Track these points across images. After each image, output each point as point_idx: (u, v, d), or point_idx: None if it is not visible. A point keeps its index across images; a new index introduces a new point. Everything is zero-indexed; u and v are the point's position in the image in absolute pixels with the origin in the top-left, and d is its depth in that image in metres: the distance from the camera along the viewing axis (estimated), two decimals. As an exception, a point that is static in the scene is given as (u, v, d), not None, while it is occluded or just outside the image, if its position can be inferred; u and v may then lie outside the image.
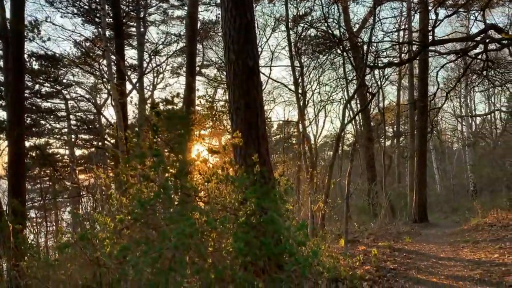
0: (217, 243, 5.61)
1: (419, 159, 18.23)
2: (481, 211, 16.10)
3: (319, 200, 10.74)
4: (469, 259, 9.01)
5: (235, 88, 7.65)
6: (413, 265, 8.75)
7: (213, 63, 25.37)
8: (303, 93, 16.51)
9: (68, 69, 26.57)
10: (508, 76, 17.22)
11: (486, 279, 6.73)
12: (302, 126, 14.81)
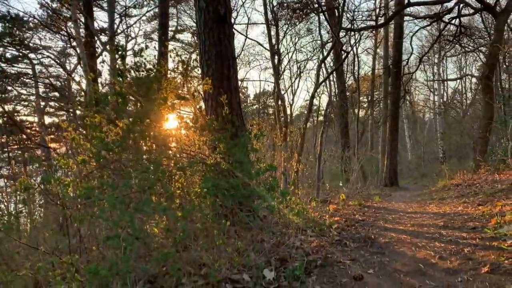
0: (186, 186, 5.55)
1: (391, 124, 18.53)
2: (448, 173, 16.63)
3: (292, 159, 10.76)
4: (435, 212, 9.31)
5: (205, 38, 7.41)
6: (381, 217, 8.99)
7: (187, 27, 24.70)
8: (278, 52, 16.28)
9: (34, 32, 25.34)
10: (480, 43, 17.47)
11: (449, 225, 6.97)
12: (277, 86, 14.66)
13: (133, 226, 4.54)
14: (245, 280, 5.01)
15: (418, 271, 4.65)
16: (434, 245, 5.66)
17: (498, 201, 8.15)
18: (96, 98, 5.85)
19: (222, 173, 5.51)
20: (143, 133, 5.47)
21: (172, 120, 6.02)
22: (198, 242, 5.27)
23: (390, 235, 6.69)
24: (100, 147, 4.81)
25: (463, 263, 4.67)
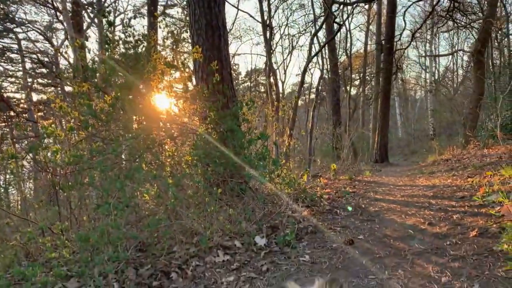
0: (177, 156, 5.50)
1: (382, 100, 18.52)
2: (438, 148, 16.76)
3: (284, 134, 10.71)
4: (424, 184, 9.40)
5: (195, 6, 7.21)
6: (371, 190, 9.06)
7: (178, 2, 24.13)
8: (270, 25, 16.03)
9: (19, 6, 24.56)
10: (473, 19, 17.37)
11: (439, 195, 7.05)
12: (268, 59, 14.49)
13: (124, 193, 4.50)
14: (236, 246, 5.04)
15: (408, 236, 4.70)
16: (423, 213, 5.72)
17: (487, 171, 8.25)
18: (83, 66, 5.72)
19: (213, 142, 5.45)
20: (131, 101, 5.38)
21: (162, 90, 5.93)
22: (189, 210, 5.27)
23: (380, 204, 6.75)
24: (87, 114, 4.71)
25: (452, 228, 4.73)
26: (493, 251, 3.79)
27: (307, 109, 26.91)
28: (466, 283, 3.26)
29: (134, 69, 5.57)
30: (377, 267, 3.88)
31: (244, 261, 4.53)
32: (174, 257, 4.71)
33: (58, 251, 4.74)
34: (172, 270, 4.45)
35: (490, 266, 3.52)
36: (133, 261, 4.65)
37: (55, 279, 4.24)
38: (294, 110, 10.93)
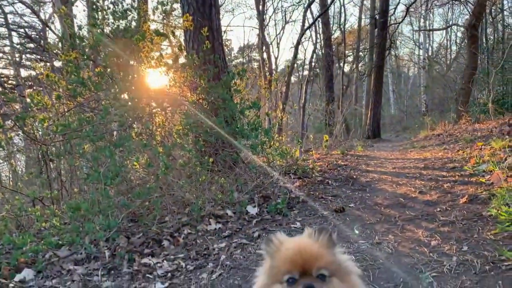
0: (167, 126, 5.43)
1: (376, 76, 18.43)
2: (430, 123, 16.83)
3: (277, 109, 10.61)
4: (416, 157, 9.46)
5: (186, -28, 6.99)
6: (363, 163, 9.10)
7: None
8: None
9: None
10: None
11: (430, 167, 7.09)
12: (261, 31, 14.25)
13: (113, 161, 4.44)
14: (228, 215, 5.05)
15: (398, 204, 4.73)
16: (414, 182, 5.76)
17: (478, 142, 8.30)
18: (70, 35, 5.56)
19: (204, 111, 5.38)
20: (120, 70, 5.26)
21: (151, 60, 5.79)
22: (181, 181, 5.24)
23: (372, 175, 6.78)
24: (75, 82, 4.60)
25: (442, 196, 4.76)
26: (482, 216, 3.83)
27: (300, 84, 26.68)
28: (455, 246, 3.29)
29: (123, 39, 5.43)
30: (367, 233, 3.91)
31: (236, 229, 4.54)
32: (166, 226, 4.71)
33: (49, 220, 4.72)
34: (164, 238, 4.46)
35: (479, 230, 3.55)
36: (125, 231, 4.64)
37: (46, 247, 4.23)
38: (287, 84, 10.81)
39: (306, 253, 1.39)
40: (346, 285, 1.41)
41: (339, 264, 1.43)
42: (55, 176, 5.97)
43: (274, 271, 1.43)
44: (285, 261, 1.41)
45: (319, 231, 1.46)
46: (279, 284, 1.41)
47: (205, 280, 3.33)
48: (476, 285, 2.66)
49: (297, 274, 1.37)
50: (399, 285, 2.80)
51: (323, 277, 1.37)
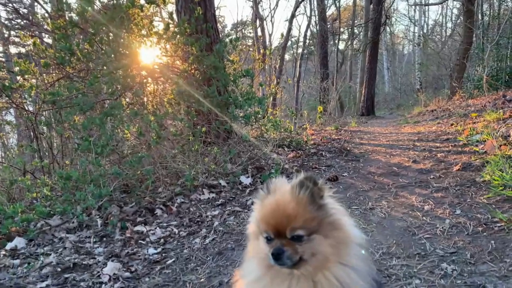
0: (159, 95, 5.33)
1: (370, 52, 18.27)
2: (424, 100, 16.81)
3: (271, 82, 10.50)
4: (409, 132, 9.46)
5: None
6: (357, 137, 9.09)
7: None
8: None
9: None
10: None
11: (423, 139, 7.09)
12: (255, 5, 13.97)
13: (104, 130, 4.36)
14: (221, 185, 5.02)
15: (392, 173, 4.73)
16: (408, 153, 5.75)
17: (472, 113, 8.30)
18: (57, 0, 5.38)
19: (196, 81, 5.28)
20: (110, 39, 5.11)
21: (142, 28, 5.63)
22: (174, 151, 5.18)
23: (365, 148, 6.76)
24: (63, 48, 4.46)
25: (436, 165, 4.76)
26: (475, 182, 3.83)
27: (295, 59, 26.37)
28: (448, 210, 3.30)
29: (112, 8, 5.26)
30: (360, 199, 3.90)
31: (229, 198, 4.52)
32: (159, 196, 4.68)
33: (40, 190, 4.66)
34: (157, 207, 4.42)
35: (472, 194, 3.56)
36: (118, 201, 4.61)
37: (38, 217, 4.19)
38: (281, 58, 10.66)
39: (279, 214, 1.30)
40: (333, 240, 1.31)
41: (322, 218, 1.32)
42: (46, 149, 5.89)
43: (258, 224, 1.40)
44: (262, 220, 1.36)
45: (301, 184, 1.34)
46: (262, 236, 1.38)
47: (198, 244, 3.32)
48: (468, 245, 2.67)
49: (272, 234, 1.32)
50: (392, 246, 2.80)
51: (299, 237, 1.30)
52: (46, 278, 3.01)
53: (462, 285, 2.19)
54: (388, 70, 33.63)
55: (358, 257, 1.35)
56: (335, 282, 1.28)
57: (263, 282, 1.36)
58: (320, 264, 1.31)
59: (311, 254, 1.30)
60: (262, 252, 1.37)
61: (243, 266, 1.46)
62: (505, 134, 5.06)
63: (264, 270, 1.37)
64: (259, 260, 1.40)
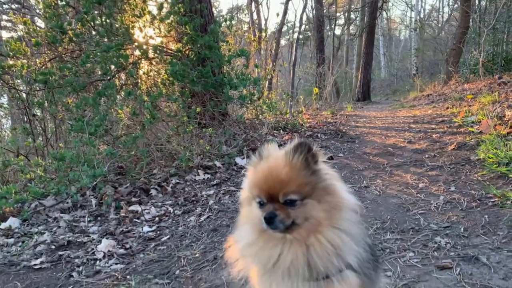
0: (152, 75, 5.26)
1: (367, 37, 18.15)
2: (420, 84, 16.79)
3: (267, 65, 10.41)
4: (405, 115, 9.45)
5: None
6: (352, 120, 9.08)
7: None
8: None
9: None
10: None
11: (419, 121, 7.08)
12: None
13: (97, 109, 4.31)
14: (217, 166, 5.00)
15: (387, 153, 4.73)
16: (403, 134, 5.75)
17: (468, 95, 8.30)
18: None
19: (191, 61, 5.21)
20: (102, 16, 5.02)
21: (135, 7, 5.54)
22: (168, 132, 5.15)
23: (361, 130, 6.76)
24: (55, 26, 4.38)
25: (431, 145, 4.77)
26: (470, 160, 3.84)
27: (291, 44, 26.16)
28: (442, 187, 3.30)
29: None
30: (355, 178, 3.91)
31: (224, 178, 4.51)
32: (154, 178, 4.66)
33: (33, 171, 4.62)
34: (152, 187, 4.41)
35: (466, 172, 3.57)
36: (112, 182, 4.58)
37: (32, 197, 4.16)
38: (277, 41, 10.55)
39: (272, 179, 1.29)
40: (326, 205, 1.30)
41: (315, 183, 1.30)
42: (39, 132, 5.83)
43: (250, 189, 1.38)
44: (255, 185, 1.34)
45: (295, 149, 1.32)
46: (254, 201, 1.37)
47: (193, 222, 3.32)
48: (462, 219, 2.68)
49: (265, 199, 1.32)
50: (386, 221, 2.81)
51: (292, 202, 1.29)
52: (40, 256, 3.01)
53: (455, 257, 2.20)
54: (385, 56, 33.47)
55: (350, 221, 1.35)
56: (327, 245, 1.28)
57: (256, 247, 1.35)
58: (312, 228, 1.30)
59: (304, 219, 1.29)
60: (255, 218, 1.36)
61: (236, 232, 1.45)
62: (500, 114, 5.06)
63: (257, 235, 1.36)
64: (252, 226, 1.39)
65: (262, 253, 1.33)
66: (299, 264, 1.28)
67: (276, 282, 1.36)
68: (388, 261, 2.24)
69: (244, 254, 1.41)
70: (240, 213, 1.45)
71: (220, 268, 2.40)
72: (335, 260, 1.28)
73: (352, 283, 1.34)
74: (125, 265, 2.70)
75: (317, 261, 1.28)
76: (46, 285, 2.52)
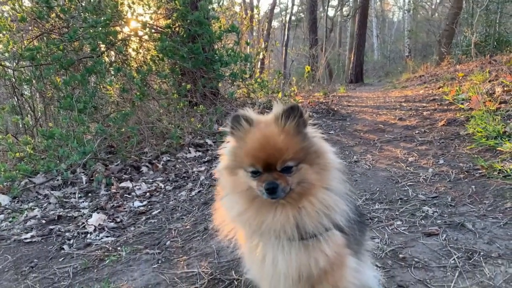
0: (142, 52, 5.19)
1: (360, 18, 18.02)
2: (412, 66, 16.78)
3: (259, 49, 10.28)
4: (397, 95, 9.46)
5: None
6: (344, 100, 9.08)
7: None
8: None
9: None
10: None
11: (410, 100, 7.10)
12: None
13: (85, 85, 4.26)
14: (208, 144, 5.00)
15: (378, 129, 4.75)
16: (394, 112, 5.77)
17: (459, 73, 8.32)
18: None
19: (181, 38, 5.13)
20: None
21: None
22: (159, 111, 5.11)
23: (352, 109, 6.77)
24: (42, 1, 4.28)
25: (421, 121, 4.79)
26: (459, 135, 3.87)
27: (283, 26, 25.91)
28: (431, 160, 3.33)
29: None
30: (346, 154, 3.93)
31: (215, 155, 4.50)
32: (145, 156, 4.65)
33: (22, 149, 4.57)
34: (143, 165, 4.40)
35: (455, 146, 3.60)
36: (103, 160, 4.56)
37: (21, 175, 4.14)
38: (269, 21, 10.42)
39: (270, 147, 1.26)
40: (317, 167, 1.31)
41: (308, 148, 1.31)
42: (27, 112, 5.76)
43: (238, 158, 1.34)
44: (249, 154, 1.30)
45: (287, 114, 1.29)
46: (243, 170, 1.34)
47: (184, 196, 3.33)
48: (450, 190, 2.71)
49: (261, 168, 1.30)
50: (375, 193, 2.83)
51: (288, 169, 1.29)
52: (31, 230, 3.00)
53: (442, 224, 2.23)
54: (378, 38, 33.30)
55: (338, 181, 1.36)
56: (319, 206, 1.28)
57: (248, 214, 1.34)
58: (305, 191, 1.30)
59: (297, 183, 1.29)
60: (242, 186, 1.34)
61: (223, 200, 1.42)
62: (490, 91, 5.09)
63: (247, 204, 1.34)
64: (240, 194, 1.36)
65: (254, 220, 1.32)
66: (289, 225, 1.29)
67: (264, 242, 1.37)
68: (376, 229, 2.27)
69: (235, 222, 1.41)
70: (222, 183, 1.41)
71: (211, 237, 2.41)
72: (325, 219, 1.30)
73: (338, 242, 1.36)
74: (116, 237, 2.71)
75: (307, 222, 1.28)
76: (37, 257, 2.53)
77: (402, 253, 1.95)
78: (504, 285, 1.58)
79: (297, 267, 1.33)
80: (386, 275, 1.76)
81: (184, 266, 2.08)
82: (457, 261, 1.81)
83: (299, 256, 1.32)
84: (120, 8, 5.25)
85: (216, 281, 1.86)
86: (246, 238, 1.45)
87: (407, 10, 27.00)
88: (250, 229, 1.36)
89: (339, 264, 1.40)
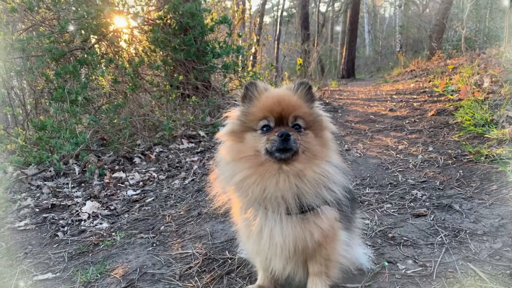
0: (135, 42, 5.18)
1: (352, 12, 18.09)
2: (403, 60, 16.90)
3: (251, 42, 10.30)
4: (388, 89, 9.55)
5: None
6: (336, 94, 9.14)
7: None
8: None
9: None
10: None
11: (401, 93, 7.18)
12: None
13: (77, 76, 4.25)
14: (201, 135, 5.02)
15: (369, 120, 4.81)
16: (385, 104, 5.84)
17: (449, 66, 8.41)
18: None
19: (173, 30, 5.13)
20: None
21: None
22: (151, 102, 5.12)
23: (344, 101, 6.83)
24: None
25: (411, 112, 4.86)
26: (448, 124, 3.94)
27: (275, 21, 25.90)
28: (421, 148, 3.40)
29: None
30: (337, 143, 3.96)
31: (208, 146, 4.54)
32: (138, 148, 4.66)
33: (14, 141, 4.55)
34: (135, 156, 4.41)
35: (444, 134, 3.67)
36: (96, 152, 4.57)
37: (14, 166, 4.13)
38: (261, 15, 10.44)
39: (284, 101, 1.38)
40: (319, 140, 1.43)
41: (315, 117, 1.43)
42: (18, 105, 5.72)
43: (249, 117, 1.39)
44: (263, 108, 1.38)
45: (299, 84, 1.44)
46: (252, 132, 1.39)
47: (178, 185, 3.35)
48: (438, 175, 2.77)
49: (273, 122, 1.36)
50: (366, 179, 2.89)
51: (298, 127, 1.38)
52: (25, 218, 3.01)
53: (430, 206, 2.29)
54: (369, 33, 33.44)
55: (337, 156, 1.45)
56: (321, 176, 1.36)
57: (251, 179, 1.37)
58: (308, 159, 1.37)
59: (303, 149, 1.35)
60: (249, 151, 1.39)
61: (225, 168, 1.46)
62: (479, 82, 5.17)
63: (252, 169, 1.38)
64: (245, 159, 1.40)
65: (257, 186, 1.36)
66: (290, 194, 1.34)
67: (261, 215, 1.41)
68: (367, 212, 2.32)
69: (236, 189, 1.44)
70: (225, 150, 1.45)
71: (204, 221, 2.45)
72: (325, 191, 1.36)
73: (332, 215, 1.42)
74: (110, 224, 2.73)
75: (308, 191, 1.35)
76: (31, 244, 2.54)
77: (392, 233, 2.00)
78: (488, 259, 1.64)
79: (294, 239, 1.40)
80: (376, 252, 1.81)
81: (178, 248, 2.11)
82: (444, 239, 1.86)
83: (295, 229, 1.39)
84: (111, 0, 5.25)
85: (210, 261, 1.90)
86: (242, 211, 1.48)
87: (399, 5, 27.17)
88: (252, 196, 1.39)
89: (332, 237, 1.48)
